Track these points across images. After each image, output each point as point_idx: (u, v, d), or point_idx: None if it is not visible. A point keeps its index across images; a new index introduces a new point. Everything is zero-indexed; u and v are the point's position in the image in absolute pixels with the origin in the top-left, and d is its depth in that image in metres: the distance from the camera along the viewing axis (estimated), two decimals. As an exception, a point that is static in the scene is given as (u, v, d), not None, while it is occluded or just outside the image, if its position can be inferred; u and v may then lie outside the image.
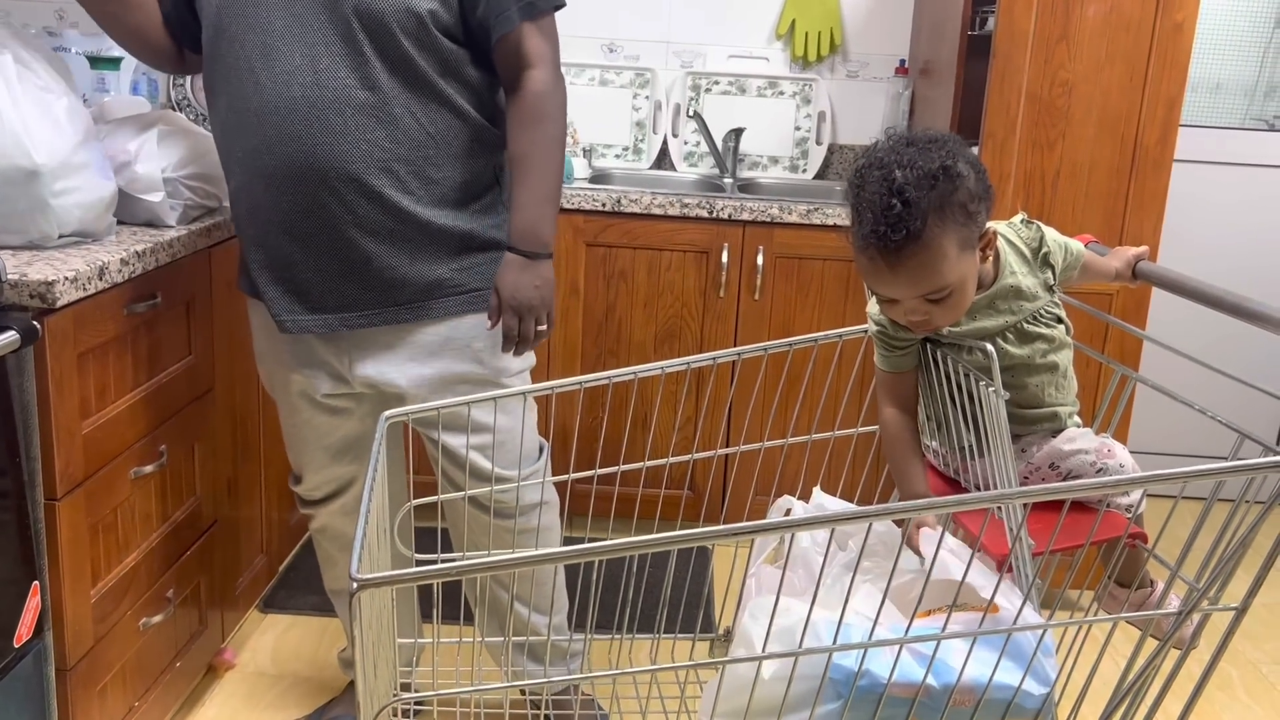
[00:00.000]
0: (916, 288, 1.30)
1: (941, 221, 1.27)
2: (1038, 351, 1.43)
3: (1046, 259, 1.47)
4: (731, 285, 2.80)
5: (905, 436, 1.46)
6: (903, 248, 1.27)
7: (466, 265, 1.74)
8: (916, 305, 1.32)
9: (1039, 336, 1.44)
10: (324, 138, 1.61)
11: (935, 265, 1.29)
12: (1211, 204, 3.34)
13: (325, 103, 1.60)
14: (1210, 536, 1.16)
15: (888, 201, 1.27)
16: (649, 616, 1.70)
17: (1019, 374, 1.44)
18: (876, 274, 1.32)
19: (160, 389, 1.89)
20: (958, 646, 1.02)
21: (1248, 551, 1.04)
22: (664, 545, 0.85)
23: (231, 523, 2.25)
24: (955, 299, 1.33)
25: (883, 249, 1.28)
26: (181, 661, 2.05)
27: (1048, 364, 1.45)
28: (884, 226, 1.27)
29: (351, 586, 0.80)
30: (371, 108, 1.62)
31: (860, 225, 1.31)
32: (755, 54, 3.28)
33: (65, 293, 1.55)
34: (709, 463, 2.82)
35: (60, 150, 1.67)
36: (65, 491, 1.62)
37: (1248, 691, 2.48)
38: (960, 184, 1.29)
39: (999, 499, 1.06)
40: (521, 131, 1.68)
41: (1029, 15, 2.43)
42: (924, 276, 1.29)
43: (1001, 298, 1.42)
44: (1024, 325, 1.43)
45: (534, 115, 1.67)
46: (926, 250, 1.27)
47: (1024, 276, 1.44)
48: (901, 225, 1.26)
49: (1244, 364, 3.27)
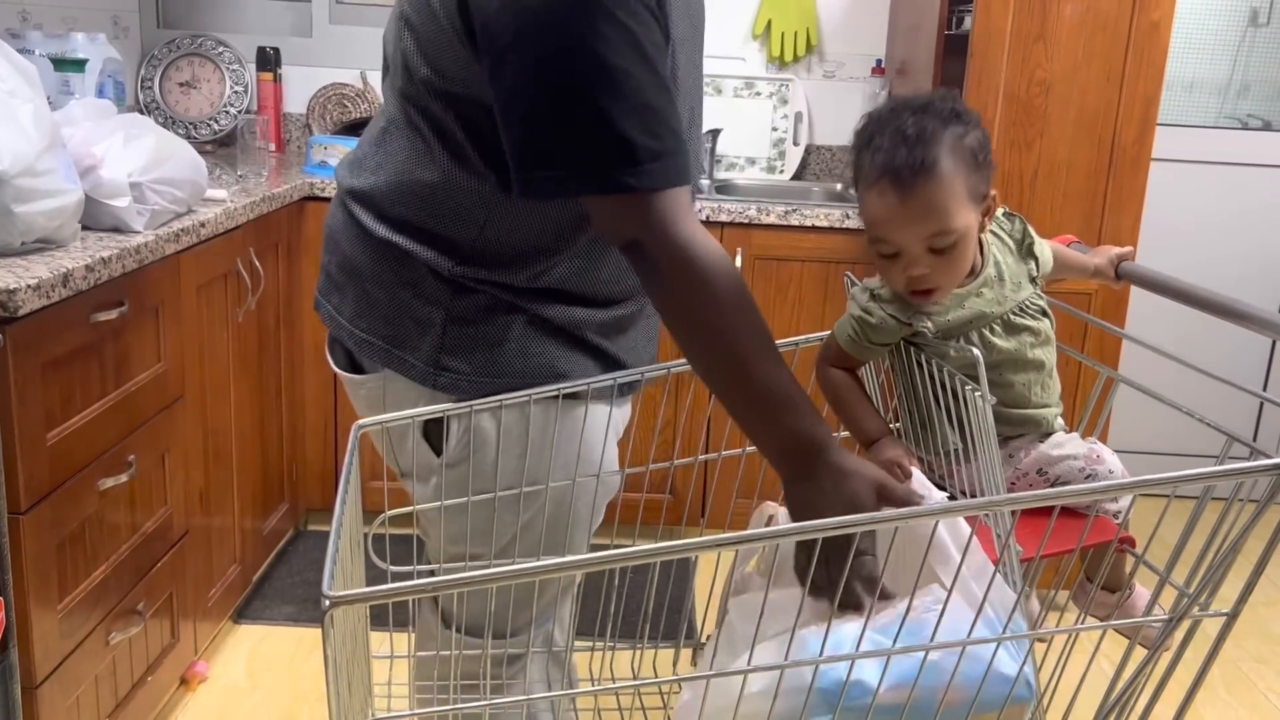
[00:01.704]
0: (926, 224, 1.30)
1: (953, 159, 1.29)
2: (1025, 345, 1.43)
3: (1031, 249, 1.48)
4: (710, 287, 2.78)
5: (852, 384, 1.46)
6: (916, 177, 1.28)
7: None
8: (920, 257, 1.32)
9: (1025, 329, 1.44)
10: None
11: (945, 203, 1.29)
12: (1186, 202, 3.35)
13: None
14: (1198, 540, 1.15)
15: (904, 133, 1.28)
16: (630, 623, 1.67)
17: (1005, 370, 1.42)
18: (886, 212, 1.31)
19: (128, 398, 1.85)
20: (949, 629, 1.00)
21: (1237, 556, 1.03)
22: (647, 558, 0.83)
23: (204, 532, 2.21)
24: (958, 253, 1.33)
25: (896, 180, 1.28)
26: (153, 675, 2.01)
27: (1034, 360, 1.44)
28: (900, 154, 1.28)
29: (324, 604, 0.77)
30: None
31: (872, 158, 1.31)
32: (731, 54, 3.26)
33: (28, 301, 1.51)
34: (690, 467, 2.80)
35: (25, 156, 1.63)
36: (30, 504, 1.58)
37: (1228, 689, 2.48)
38: (970, 130, 1.32)
39: (988, 505, 1.04)
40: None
41: (1006, 14, 2.42)
42: (934, 213, 1.29)
43: (988, 285, 1.42)
44: (1010, 317, 1.43)
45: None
46: (939, 184, 1.28)
47: (1009, 266, 1.45)
48: (917, 153, 1.27)
49: (1217, 356, 3.31)
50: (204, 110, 3.06)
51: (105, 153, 1.85)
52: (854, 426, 1.44)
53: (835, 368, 1.48)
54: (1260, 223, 3.39)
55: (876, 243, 1.34)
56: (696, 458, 1.76)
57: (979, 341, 1.39)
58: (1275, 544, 1.03)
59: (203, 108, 3.06)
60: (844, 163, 3.29)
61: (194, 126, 3.04)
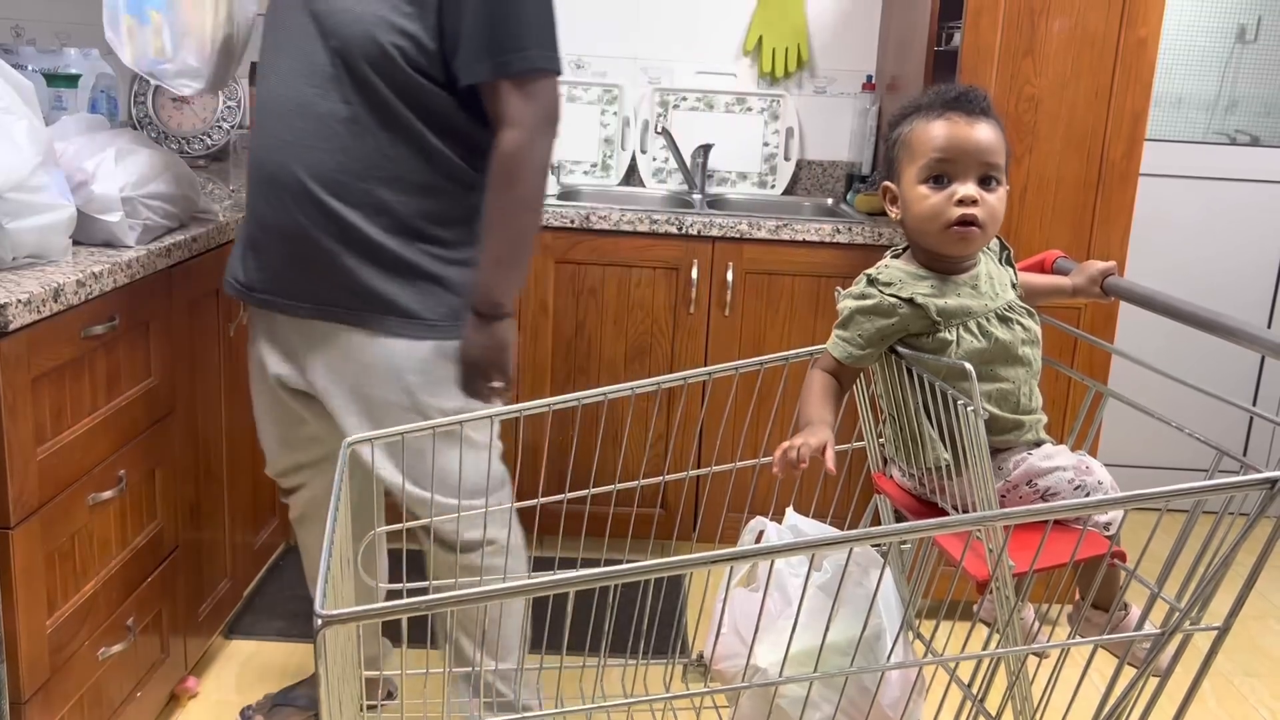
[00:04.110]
0: (987, 151, 1.42)
1: (998, 121, 1.45)
2: (1018, 338, 1.45)
3: (1009, 259, 1.56)
4: (701, 301, 2.79)
5: (827, 385, 1.47)
6: (983, 113, 1.43)
7: (412, 291, 1.72)
8: (972, 184, 1.42)
9: (1018, 323, 1.48)
10: (287, 137, 1.69)
11: (1000, 144, 1.43)
12: (1174, 218, 3.37)
13: (295, 107, 1.68)
14: (1188, 554, 1.15)
15: (964, 88, 1.45)
16: (621, 638, 1.67)
17: (998, 364, 1.44)
18: (954, 131, 1.42)
19: (119, 412, 1.85)
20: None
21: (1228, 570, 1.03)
22: (639, 575, 0.83)
23: (194, 547, 2.20)
24: (998, 197, 1.43)
25: (966, 110, 1.43)
26: (143, 691, 1.99)
27: (1025, 357, 1.46)
28: (969, 94, 1.44)
29: (316, 623, 0.77)
30: (338, 123, 1.66)
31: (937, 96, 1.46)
32: (723, 70, 3.27)
33: (18, 315, 1.51)
34: (681, 481, 2.80)
35: (18, 172, 1.63)
36: (20, 519, 1.57)
37: (1219, 702, 2.49)
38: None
39: (980, 521, 1.04)
40: (490, 192, 1.68)
41: (994, 31, 2.44)
42: (994, 145, 1.42)
43: (983, 280, 1.48)
44: (1004, 311, 1.47)
45: (500, 177, 1.65)
46: (996, 127, 1.44)
47: (993, 270, 1.51)
48: (982, 96, 1.44)
49: (1207, 368, 3.32)
50: (196, 125, 3.06)
51: (97, 168, 1.85)
52: (802, 410, 1.43)
53: (825, 373, 1.49)
54: (1248, 237, 3.41)
55: (938, 164, 1.42)
56: (688, 472, 1.76)
57: (977, 331, 1.42)
58: (1266, 558, 1.04)
59: (195, 123, 3.06)
60: (834, 177, 3.31)
61: (186, 141, 3.04)
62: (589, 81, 3.25)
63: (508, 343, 1.71)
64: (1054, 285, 1.62)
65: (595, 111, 3.25)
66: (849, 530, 1.08)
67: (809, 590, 1.29)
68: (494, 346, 1.71)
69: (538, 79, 1.63)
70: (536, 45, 1.61)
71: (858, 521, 1.75)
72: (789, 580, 1.41)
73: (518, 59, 1.60)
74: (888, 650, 1.25)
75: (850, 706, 1.24)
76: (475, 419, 1.61)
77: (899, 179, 1.48)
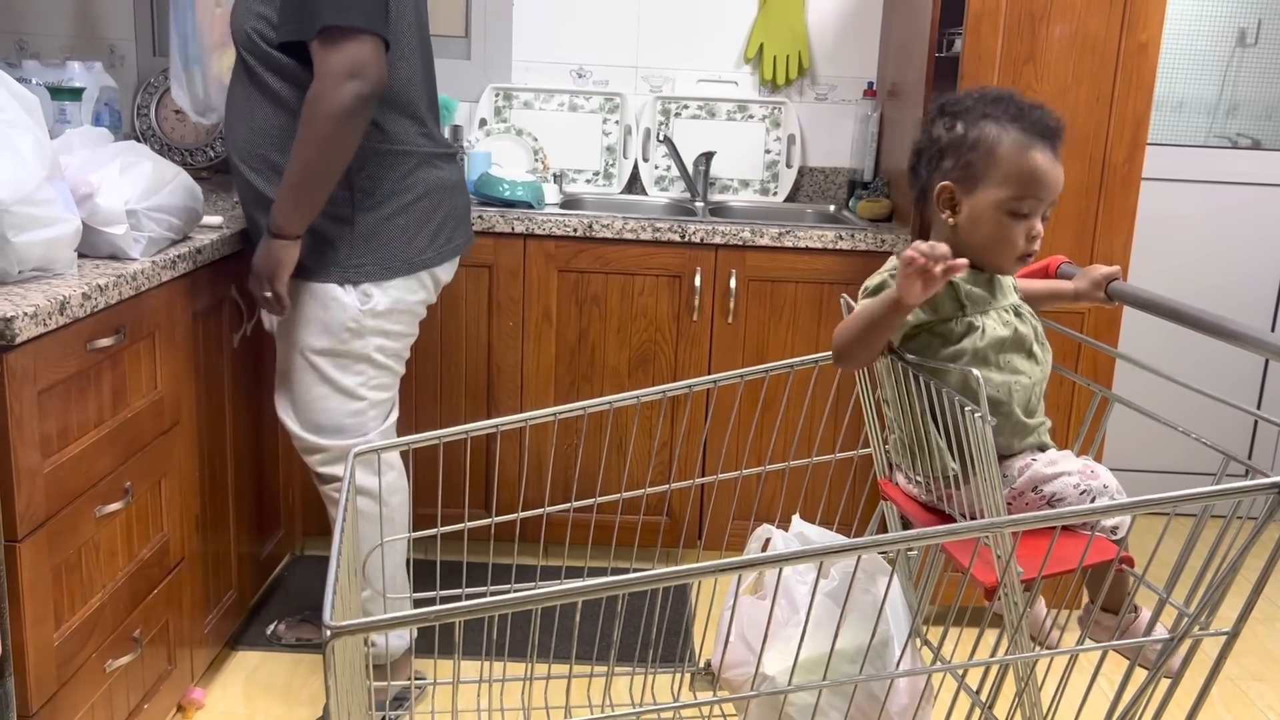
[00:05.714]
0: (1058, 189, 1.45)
1: None
2: (1032, 331, 1.48)
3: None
4: (705, 309, 2.79)
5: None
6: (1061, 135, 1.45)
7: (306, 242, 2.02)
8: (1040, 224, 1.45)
9: (1030, 320, 1.50)
10: (226, 128, 2.11)
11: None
12: (1176, 221, 3.37)
13: (229, 102, 2.09)
14: (1197, 559, 1.15)
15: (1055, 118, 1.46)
16: (629, 646, 1.67)
17: (1017, 355, 1.45)
18: (1050, 172, 1.43)
19: (125, 425, 1.85)
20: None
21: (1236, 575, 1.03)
22: (646, 585, 0.83)
23: (200, 559, 2.20)
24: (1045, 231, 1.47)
25: (1055, 144, 1.44)
26: (149, 703, 1.99)
27: (1038, 354, 1.48)
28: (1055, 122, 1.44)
29: (324, 635, 0.77)
30: (243, 103, 2.03)
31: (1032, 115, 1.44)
32: (724, 78, 3.28)
33: (25, 329, 1.51)
34: (687, 489, 2.80)
35: (24, 186, 1.63)
36: (26, 533, 1.57)
37: (1226, 708, 2.48)
38: None
39: (988, 528, 1.04)
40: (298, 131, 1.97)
41: (996, 37, 2.44)
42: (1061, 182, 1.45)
43: (996, 280, 1.50)
44: (1017, 307, 1.50)
45: (302, 120, 1.90)
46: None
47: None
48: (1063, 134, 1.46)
49: (1211, 370, 3.31)
50: (200, 137, 3.07)
51: (102, 181, 1.85)
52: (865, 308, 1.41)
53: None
54: (1250, 240, 3.41)
55: (1025, 199, 1.42)
56: (694, 480, 1.76)
57: (999, 320, 1.43)
58: (1275, 562, 1.03)
59: (198, 134, 3.07)
60: (836, 184, 3.31)
61: (190, 153, 3.05)
62: (591, 90, 3.25)
63: (281, 261, 1.97)
64: (1056, 290, 1.62)
65: (597, 120, 3.25)
66: (856, 537, 1.08)
67: (816, 598, 1.29)
68: (270, 260, 1.97)
69: (337, 37, 1.85)
70: (330, 7, 1.85)
71: (864, 528, 1.75)
72: (796, 588, 1.41)
73: (311, 20, 1.86)
74: (896, 657, 1.25)
75: (859, 714, 1.24)
76: (479, 430, 1.61)
77: (973, 190, 1.44)
